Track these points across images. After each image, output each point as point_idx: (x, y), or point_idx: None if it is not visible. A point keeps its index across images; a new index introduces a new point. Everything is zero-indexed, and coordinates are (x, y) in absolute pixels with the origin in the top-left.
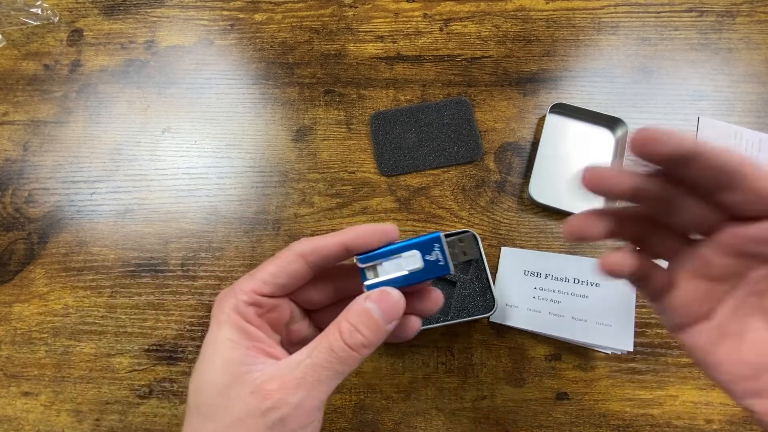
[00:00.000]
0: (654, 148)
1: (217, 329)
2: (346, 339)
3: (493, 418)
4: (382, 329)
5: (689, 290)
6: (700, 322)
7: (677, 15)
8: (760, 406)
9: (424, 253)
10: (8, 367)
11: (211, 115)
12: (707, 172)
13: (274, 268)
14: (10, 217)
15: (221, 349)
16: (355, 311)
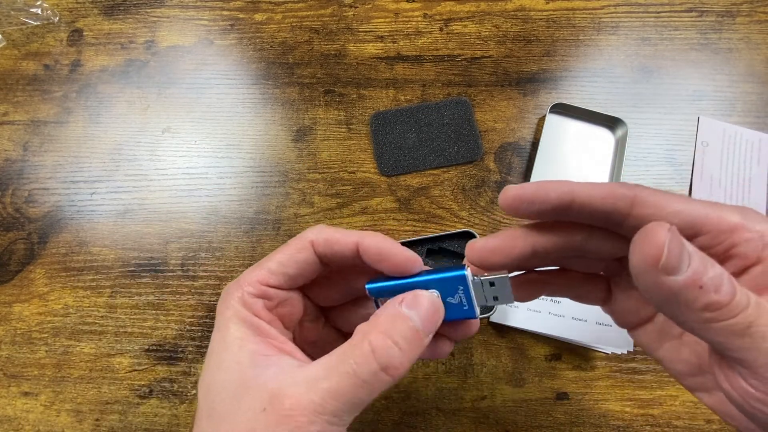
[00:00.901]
0: (523, 209)
1: (224, 326)
2: (379, 357)
3: (493, 418)
4: (422, 342)
5: (625, 300)
6: (643, 324)
7: (677, 15)
8: (707, 399)
9: (446, 294)
10: (8, 367)
11: (211, 115)
12: (592, 217)
13: (282, 257)
14: (10, 217)
15: (230, 349)
16: (389, 317)
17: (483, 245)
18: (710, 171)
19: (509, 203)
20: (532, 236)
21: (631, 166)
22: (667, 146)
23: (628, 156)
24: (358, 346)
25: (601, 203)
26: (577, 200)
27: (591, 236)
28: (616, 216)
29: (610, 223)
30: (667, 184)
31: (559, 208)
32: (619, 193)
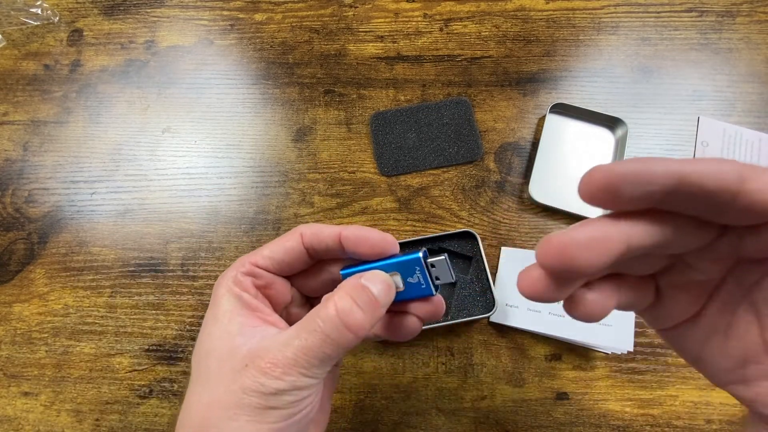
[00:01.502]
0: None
1: (217, 301)
2: (343, 317)
3: (493, 418)
4: (379, 309)
5: (675, 299)
6: (687, 324)
7: (677, 15)
8: (744, 392)
9: (406, 275)
10: (8, 367)
11: (211, 115)
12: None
13: (273, 244)
14: (10, 217)
15: (220, 320)
16: (350, 286)
17: (568, 240)
18: None
19: (606, 184)
20: (625, 227)
21: None
22: (667, 146)
23: (628, 156)
24: (324, 307)
25: (713, 182)
26: (686, 180)
27: (681, 226)
28: (725, 196)
29: (712, 207)
30: None
31: (667, 190)
32: (728, 169)
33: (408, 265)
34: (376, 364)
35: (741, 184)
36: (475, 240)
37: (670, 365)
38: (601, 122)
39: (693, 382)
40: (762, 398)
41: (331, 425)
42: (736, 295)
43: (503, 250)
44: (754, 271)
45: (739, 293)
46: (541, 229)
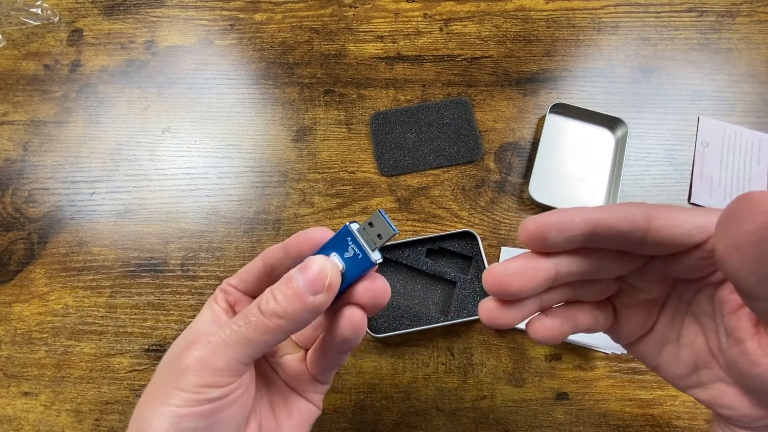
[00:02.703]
0: (548, 240)
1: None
2: (261, 305)
3: (493, 418)
4: (304, 299)
5: (631, 318)
6: (644, 337)
7: (677, 15)
8: (702, 395)
9: (341, 252)
10: (8, 367)
11: (211, 115)
12: (613, 241)
13: (246, 266)
14: (10, 217)
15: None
16: (281, 282)
17: (503, 270)
18: (710, 171)
19: (535, 233)
20: (552, 259)
21: (631, 166)
22: (667, 146)
23: (628, 156)
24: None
25: (624, 224)
26: (601, 224)
27: (604, 257)
28: (637, 234)
29: (629, 243)
30: (666, 184)
31: (586, 234)
32: (636, 212)
33: (339, 240)
34: (376, 364)
35: (648, 223)
36: (475, 240)
37: None
38: (601, 122)
39: None
40: (716, 400)
41: (331, 425)
42: (680, 310)
43: (503, 250)
44: (689, 289)
45: (682, 308)
46: None
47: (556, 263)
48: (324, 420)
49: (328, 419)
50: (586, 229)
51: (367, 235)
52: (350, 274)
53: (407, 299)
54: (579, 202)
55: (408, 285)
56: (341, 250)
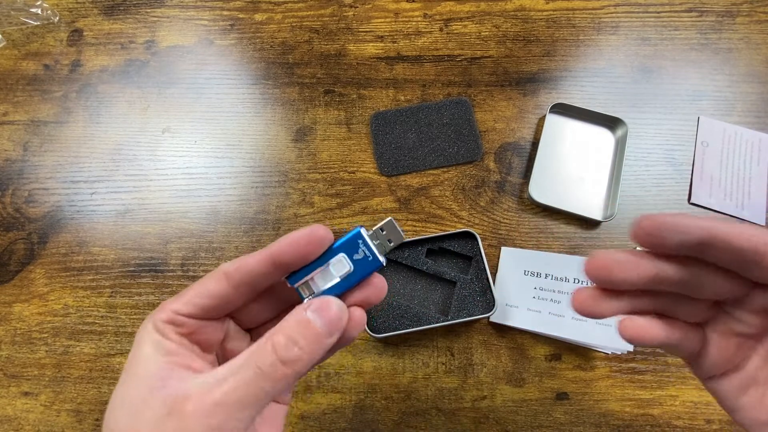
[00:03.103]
0: (661, 239)
1: (135, 347)
2: (280, 353)
3: (493, 418)
4: (323, 343)
5: (721, 349)
6: (729, 374)
7: (677, 15)
8: None
9: (351, 253)
10: (8, 367)
11: (211, 115)
12: (725, 255)
13: (198, 289)
14: (10, 217)
15: (135, 367)
16: (293, 321)
17: (609, 256)
18: (710, 171)
19: (650, 229)
20: (656, 261)
21: (631, 166)
22: (667, 146)
23: (628, 156)
24: (261, 345)
25: (743, 242)
26: (718, 236)
27: (709, 273)
28: (754, 255)
29: (741, 263)
30: (667, 184)
31: (700, 241)
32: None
33: (351, 243)
34: (376, 364)
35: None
36: (475, 240)
37: (670, 365)
38: (601, 122)
39: (693, 382)
40: None
41: (331, 425)
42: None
43: (503, 250)
44: None
45: None
46: (540, 230)
47: (659, 266)
48: (324, 420)
49: (328, 419)
50: (701, 235)
51: (377, 239)
52: (357, 275)
53: (407, 299)
54: (579, 202)
55: (408, 285)
56: (351, 251)
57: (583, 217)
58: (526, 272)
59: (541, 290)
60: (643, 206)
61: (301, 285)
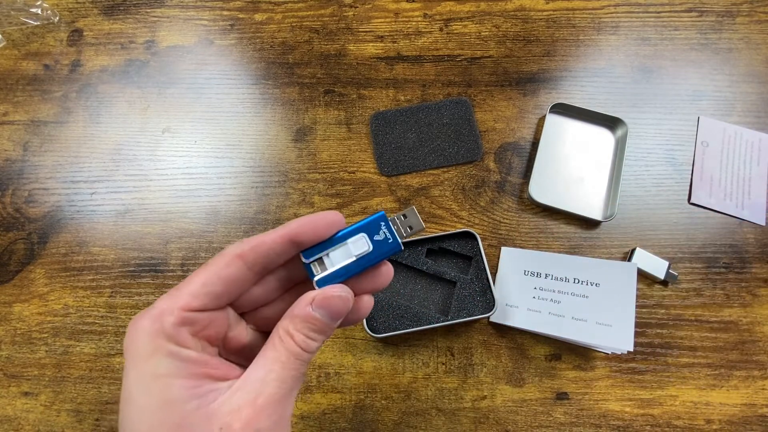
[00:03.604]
0: None
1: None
2: (302, 346)
3: (493, 418)
4: (332, 328)
5: None
6: None
7: (677, 15)
8: None
9: (371, 234)
10: (8, 367)
11: (211, 115)
12: None
13: (206, 276)
14: (10, 217)
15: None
16: (302, 319)
17: None
18: (710, 171)
19: None
20: None
21: (631, 166)
22: (667, 146)
23: (628, 156)
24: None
25: None
26: None
27: None
28: None
29: None
30: (667, 184)
31: None
32: None
33: (373, 224)
34: (376, 364)
35: None
36: (475, 240)
37: (670, 365)
38: (601, 122)
39: (693, 382)
40: None
41: (332, 425)
42: None
43: (503, 250)
44: None
45: None
46: (540, 229)
47: None
48: (324, 420)
49: (328, 419)
50: None
51: (399, 224)
52: (373, 256)
53: (407, 299)
54: (579, 202)
55: (408, 285)
56: (372, 232)
57: (583, 217)
58: (526, 272)
59: (541, 290)
60: (643, 206)
61: (315, 261)
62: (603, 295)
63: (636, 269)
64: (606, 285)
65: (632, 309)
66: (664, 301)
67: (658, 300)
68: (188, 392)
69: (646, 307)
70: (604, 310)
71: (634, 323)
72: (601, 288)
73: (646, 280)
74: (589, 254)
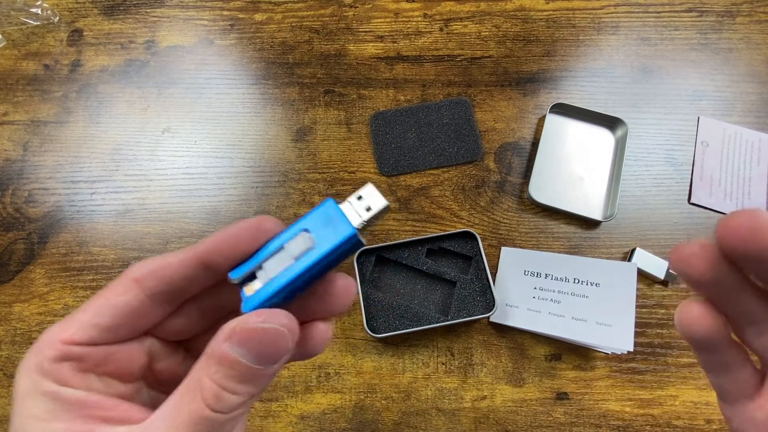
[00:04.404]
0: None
1: (20, 405)
2: (211, 404)
3: (493, 418)
4: (263, 375)
5: None
6: None
7: (677, 15)
8: None
9: (317, 228)
10: (8, 367)
11: (211, 115)
12: None
13: (97, 304)
14: (10, 217)
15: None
16: (217, 361)
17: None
18: (710, 171)
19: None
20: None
21: (631, 166)
22: (667, 146)
23: (628, 156)
24: (191, 389)
25: None
26: None
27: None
28: None
29: None
30: (667, 184)
31: None
32: None
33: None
34: (376, 364)
35: None
36: (475, 240)
37: (670, 365)
38: (601, 122)
39: (693, 382)
40: None
41: (332, 425)
42: None
43: (503, 250)
44: None
45: None
46: (540, 229)
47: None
48: (324, 420)
49: (328, 419)
50: None
51: (353, 208)
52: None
53: (407, 299)
54: (579, 202)
55: (408, 285)
56: (318, 225)
57: (583, 217)
58: (526, 272)
59: (541, 290)
60: (643, 206)
61: (245, 278)
62: (603, 295)
63: (636, 269)
64: (606, 285)
65: (632, 309)
66: (664, 301)
67: (658, 300)
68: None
69: (646, 307)
70: (604, 310)
71: (634, 323)
72: (601, 288)
73: (646, 280)
74: (589, 254)
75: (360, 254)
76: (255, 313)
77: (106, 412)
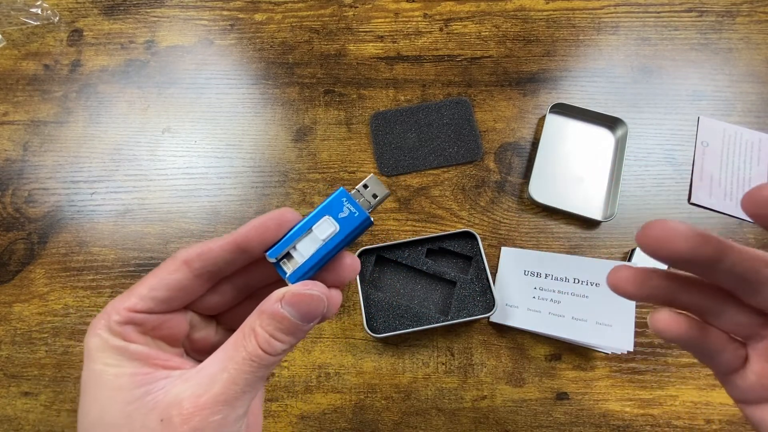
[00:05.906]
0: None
1: (94, 357)
2: (264, 347)
3: (493, 418)
4: (303, 330)
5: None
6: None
7: (677, 15)
8: None
9: (335, 214)
10: (8, 367)
11: (211, 115)
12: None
13: (153, 281)
14: (10, 217)
15: (104, 380)
16: (269, 316)
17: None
18: (710, 171)
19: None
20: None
21: (631, 166)
22: (667, 146)
23: (628, 156)
24: (245, 335)
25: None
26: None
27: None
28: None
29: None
30: (667, 184)
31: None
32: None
33: (334, 203)
34: (376, 364)
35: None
36: (475, 240)
37: (670, 365)
38: (601, 122)
39: (693, 382)
40: None
41: (332, 425)
42: None
43: (503, 250)
44: None
45: None
46: (540, 229)
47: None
48: (324, 420)
49: (328, 419)
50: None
51: (362, 196)
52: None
53: (407, 299)
54: (579, 202)
55: (408, 285)
56: (336, 211)
57: (583, 217)
58: (526, 272)
59: (541, 290)
60: (643, 206)
61: (282, 258)
62: (603, 295)
63: None
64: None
65: (632, 309)
66: None
67: None
68: (135, 380)
69: (647, 307)
70: (604, 310)
71: (634, 323)
72: (601, 288)
73: None
74: (589, 254)
75: (360, 254)
76: (302, 283)
77: (163, 362)
